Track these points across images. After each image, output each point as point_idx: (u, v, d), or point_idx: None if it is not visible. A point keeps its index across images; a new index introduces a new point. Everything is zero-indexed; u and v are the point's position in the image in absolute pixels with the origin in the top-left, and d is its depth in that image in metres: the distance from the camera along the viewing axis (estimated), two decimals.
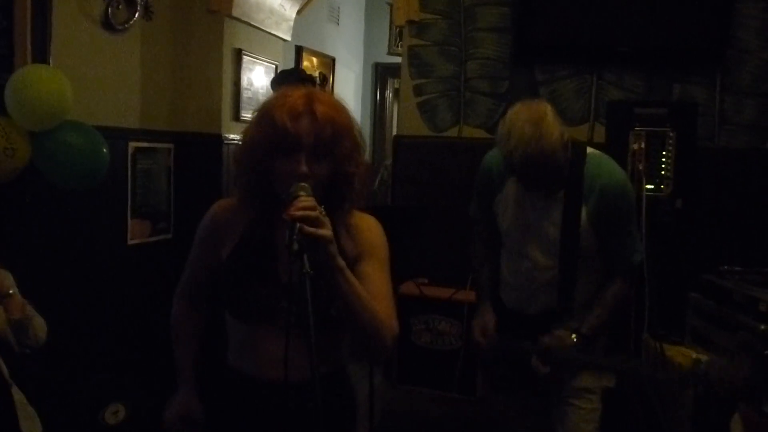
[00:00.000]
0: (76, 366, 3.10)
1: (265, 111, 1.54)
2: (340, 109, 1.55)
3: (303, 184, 1.45)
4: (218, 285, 1.66)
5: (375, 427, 3.41)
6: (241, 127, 1.68)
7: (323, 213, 1.41)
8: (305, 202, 1.39)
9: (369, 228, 1.67)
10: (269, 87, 4.20)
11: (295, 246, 1.33)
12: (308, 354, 1.30)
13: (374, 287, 1.57)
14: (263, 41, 4.40)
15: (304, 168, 1.48)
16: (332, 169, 1.53)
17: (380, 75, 7.26)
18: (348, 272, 1.48)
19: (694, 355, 2.76)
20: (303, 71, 4.45)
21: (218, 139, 3.97)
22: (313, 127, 1.48)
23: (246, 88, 4.16)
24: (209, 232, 1.71)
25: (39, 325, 2.35)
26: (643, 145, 2.95)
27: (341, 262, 1.45)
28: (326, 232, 1.39)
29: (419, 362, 3.51)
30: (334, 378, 1.67)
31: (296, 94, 1.52)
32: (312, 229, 1.36)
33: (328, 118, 1.49)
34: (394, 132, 5.69)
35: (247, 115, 4.02)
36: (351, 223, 1.64)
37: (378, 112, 7.32)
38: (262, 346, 1.60)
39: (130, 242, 3.56)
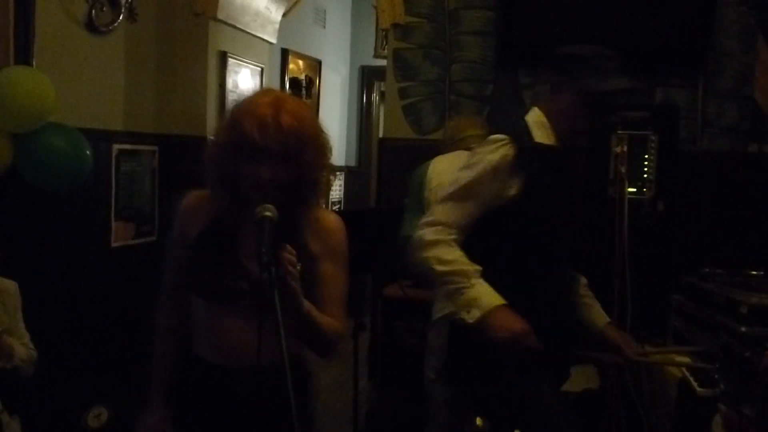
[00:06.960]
0: (59, 369, 3.08)
1: (235, 118, 1.62)
2: (306, 118, 1.63)
3: (268, 205, 1.52)
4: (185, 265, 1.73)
5: (359, 429, 3.41)
6: None
7: (299, 271, 1.52)
8: (293, 257, 1.50)
9: (333, 227, 1.76)
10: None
11: (265, 258, 1.43)
12: (279, 352, 1.38)
13: (333, 290, 1.72)
14: (249, 44, 4.39)
15: (268, 173, 1.57)
16: (297, 173, 1.61)
17: (367, 78, 7.23)
18: (314, 312, 1.60)
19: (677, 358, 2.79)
20: None
21: (203, 142, 3.94)
22: (279, 138, 1.56)
23: (231, 91, 4.15)
24: (180, 226, 1.79)
25: (21, 356, 2.38)
26: (625, 149, 2.97)
27: (305, 309, 1.57)
28: (296, 286, 1.51)
29: (403, 364, 3.50)
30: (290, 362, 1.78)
31: (265, 103, 1.60)
32: (290, 278, 1.49)
33: (294, 129, 1.58)
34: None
35: None
36: (315, 218, 1.72)
37: (365, 114, 7.29)
38: (223, 330, 1.68)
39: (113, 244, 3.54)
